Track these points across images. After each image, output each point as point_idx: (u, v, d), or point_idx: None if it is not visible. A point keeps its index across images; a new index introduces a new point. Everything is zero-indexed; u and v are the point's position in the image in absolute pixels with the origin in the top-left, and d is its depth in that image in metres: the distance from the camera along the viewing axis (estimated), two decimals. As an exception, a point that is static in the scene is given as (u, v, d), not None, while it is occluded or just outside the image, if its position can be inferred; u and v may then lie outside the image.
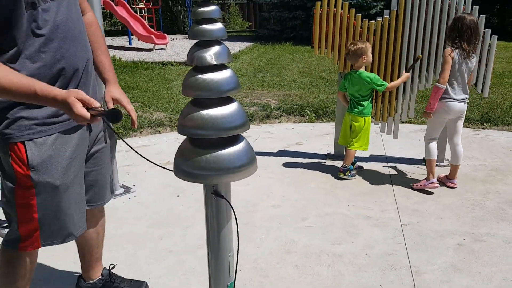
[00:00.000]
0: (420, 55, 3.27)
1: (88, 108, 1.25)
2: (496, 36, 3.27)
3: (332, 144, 3.84)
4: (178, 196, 3.04)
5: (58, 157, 1.44)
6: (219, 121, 1.21)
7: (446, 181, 3.19)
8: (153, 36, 10.21)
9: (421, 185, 3.12)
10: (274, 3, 13.13)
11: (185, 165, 1.25)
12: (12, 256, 1.54)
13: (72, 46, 1.44)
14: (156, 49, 10.45)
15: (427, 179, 3.11)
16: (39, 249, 1.57)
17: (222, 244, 1.37)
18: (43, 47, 1.36)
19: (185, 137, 1.28)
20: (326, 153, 3.88)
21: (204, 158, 1.23)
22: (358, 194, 3.06)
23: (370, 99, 3.28)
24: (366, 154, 3.46)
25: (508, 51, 10.32)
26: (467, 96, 3.05)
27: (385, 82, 3.21)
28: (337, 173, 3.36)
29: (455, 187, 3.14)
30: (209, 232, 1.37)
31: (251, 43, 12.42)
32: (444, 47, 3.25)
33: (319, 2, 3.40)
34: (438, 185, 3.09)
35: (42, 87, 1.24)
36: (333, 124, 4.00)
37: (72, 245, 2.30)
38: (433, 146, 3.12)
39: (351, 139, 3.32)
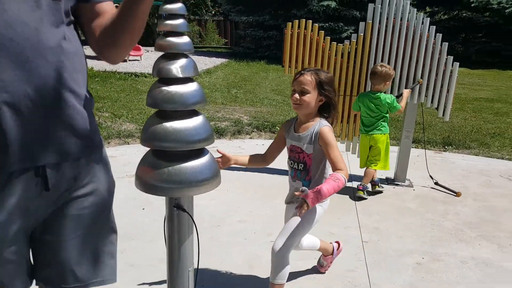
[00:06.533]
0: (421, 80, 3.41)
1: None
2: (458, 63, 3.44)
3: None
4: (143, 209, 3.00)
5: None
6: (182, 133, 1.21)
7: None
8: (127, 47, 10.14)
9: None
10: (250, 22, 13.35)
11: (147, 177, 1.25)
12: None
13: None
14: (129, 60, 10.37)
15: None
16: None
17: (182, 258, 1.36)
18: None
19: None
20: (294, 170, 3.92)
21: (166, 170, 1.22)
22: (323, 212, 3.10)
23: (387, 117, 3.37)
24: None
25: (471, 78, 10.79)
26: None
27: (398, 105, 3.26)
28: (356, 192, 3.36)
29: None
30: (169, 246, 1.36)
31: (226, 60, 12.52)
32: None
33: (291, 23, 3.49)
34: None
35: None
36: (302, 142, 4.07)
37: None
38: None
39: (373, 158, 3.37)
